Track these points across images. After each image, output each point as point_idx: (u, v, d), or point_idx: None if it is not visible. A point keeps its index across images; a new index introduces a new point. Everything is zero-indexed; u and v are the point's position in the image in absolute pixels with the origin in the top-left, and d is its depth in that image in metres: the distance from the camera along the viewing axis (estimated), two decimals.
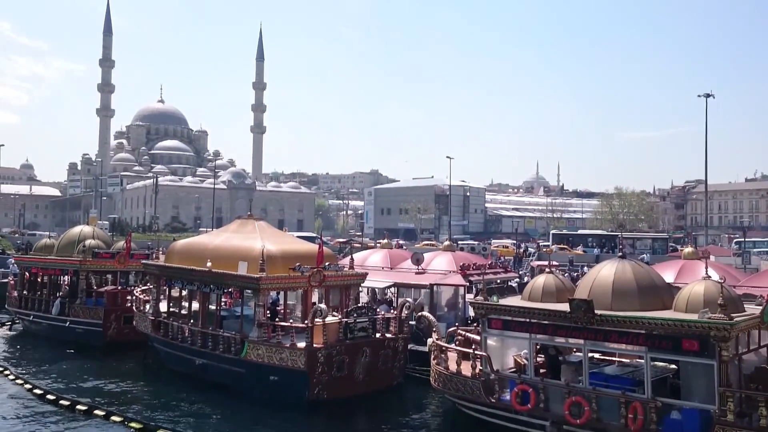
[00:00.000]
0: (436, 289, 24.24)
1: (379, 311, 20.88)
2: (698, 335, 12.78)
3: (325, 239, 24.01)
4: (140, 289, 27.53)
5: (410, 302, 21.11)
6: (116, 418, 17.14)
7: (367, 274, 22.86)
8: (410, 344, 20.79)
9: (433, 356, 18.09)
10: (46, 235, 50.29)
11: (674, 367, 14.32)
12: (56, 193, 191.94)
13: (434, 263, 25.91)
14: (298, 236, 36.09)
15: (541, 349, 16.37)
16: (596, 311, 14.04)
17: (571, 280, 21.09)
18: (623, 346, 14.43)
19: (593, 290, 14.79)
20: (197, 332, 21.40)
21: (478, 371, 16.33)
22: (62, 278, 31.20)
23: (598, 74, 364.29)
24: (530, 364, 15.63)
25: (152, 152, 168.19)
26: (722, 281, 13.60)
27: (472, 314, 20.50)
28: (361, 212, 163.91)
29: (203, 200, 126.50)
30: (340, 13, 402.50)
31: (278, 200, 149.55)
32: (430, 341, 18.48)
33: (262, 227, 22.97)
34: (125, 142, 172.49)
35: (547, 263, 20.91)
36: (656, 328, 13.36)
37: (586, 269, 38.05)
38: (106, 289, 28.82)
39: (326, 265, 20.46)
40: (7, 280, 36.84)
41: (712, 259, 29.73)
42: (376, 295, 25.65)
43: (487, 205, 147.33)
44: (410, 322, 21.15)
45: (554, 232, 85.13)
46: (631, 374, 14.94)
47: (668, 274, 19.76)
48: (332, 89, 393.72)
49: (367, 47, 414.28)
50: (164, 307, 24.13)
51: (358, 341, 18.73)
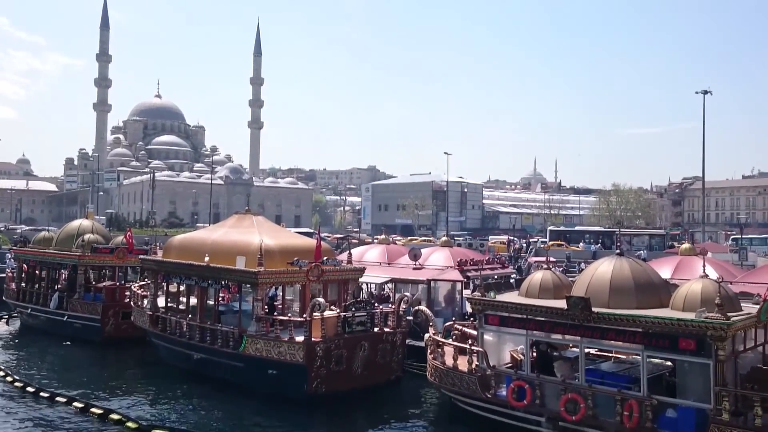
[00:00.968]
0: (433, 284, 24.32)
1: (379, 308, 20.94)
2: (695, 334, 12.81)
3: (322, 235, 23.93)
4: (138, 284, 27.53)
5: (408, 296, 21.18)
6: (115, 416, 17.04)
7: (364, 268, 22.93)
8: (408, 339, 20.85)
9: (429, 351, 18.16)
10: (42, 230, 50.19)
11: (670, 364, 14.37)
12: (53, 188, 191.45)
13: (432, 259, 25.99)
14: (295, 232, 36.14)
15: (533, 344, 16.41)
16: (593, 309, 14.09)
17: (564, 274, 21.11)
18: (620, 343, 14.47)
19: (591, 287, 14.84)
20: (195, 327, 21.44)
21: (474, 366, 16.40)
22: (60, 272, 31.16)
23: (595, 71, 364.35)
24: (526, 360, 15.69)
25: (149, 147, 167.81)
26: (720, 280, 13.63)
27: (469, 310, 20.57)
28: (358, 208, 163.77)
29: (200, 196, 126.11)
30: (338, 9, 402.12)
31: (275, 196, 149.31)
32: (427, 336, 18.55)
33: (260, 222, 23.02)
34: (122, 137, 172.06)
35: (544, 259, 20.97)
36: (653, 326, 13.39)
37: (583, 266, 38.17)
38: (104, 284, 28.82)
39: (324, 259, 20.53)
40: (4, 274, 36.79)
41: (709, 255, 29.80)
42: (376, 291, 25.69)
43: (484, 201, 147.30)
44: (408, 317, 21.22)
45: (551, 228, 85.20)
46: (627, 371, 15.00)
47: (665, 270, 19.84)
48: (330, 85, 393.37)
49: (365, 43, 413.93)
50: (162, 302, 24.18)
51: (356, 335, 18.80)
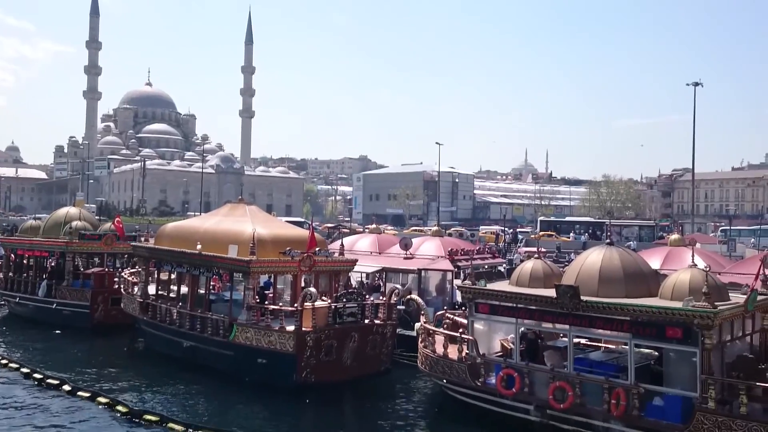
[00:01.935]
0: (424, 274, 24.36)
1: (368, 297, 20.96)
2: (682, 323, 12.90)
3: (314, 224, 23.98)
4: (129, 271, 27.48)
5: (399, 288, 21.21)
6: (102, 399, 17.13)
7: (356, 260, 22.93)
8: (398, 329, 20.90)
9: (420, 339, 18.22)
10: (29, 218, 49.91)
11: (656, 354, 14.49)
12: (42, 176, 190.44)
13: (422, 248, 26.04)
14: (286, 221, 36.12)
15: (522, 334, 16.48)
16: (582, 297, 14.17)
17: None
18: (608, 332, 14.56)
19: (580, 276, 14.91)
20: (186, 314, 21.44)
21: (464, 355, 16.48)
22: (48, 260, 31.06)
23: (588, 62, 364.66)
24: (516, 348, 15.78)
25: (140, 136, 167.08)
26: (707, 269, 13.73)
27: (459, 299, 20.63)
28: (349, 198, 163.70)
29: (191, 184, 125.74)
30: None
31: (267, 185, 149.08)
32: (418, 325, 18.60)
33: (252, 211, 22.98)
34: (112, 125, 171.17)
35: (535, 250, 21.06)
36: (641, 315, 13.49)
37: (573, 256, 38.35)
38: (93, 270, 28.75)
39: (317, 250, 20.52)
40: None
41: (698, 246, 29.99)
42: (367, 281, 25.72)
43: (475, 191, 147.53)
44: (398, 306, 21.26)
45: (542, 219, 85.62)
46: (615, 360, 15.09)
47: (654, 260, 19.97)
48: (322, 74, 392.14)
49: (357, 33, 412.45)
50: (153, 289, 24.15)
51: (346, 326, 18.79)
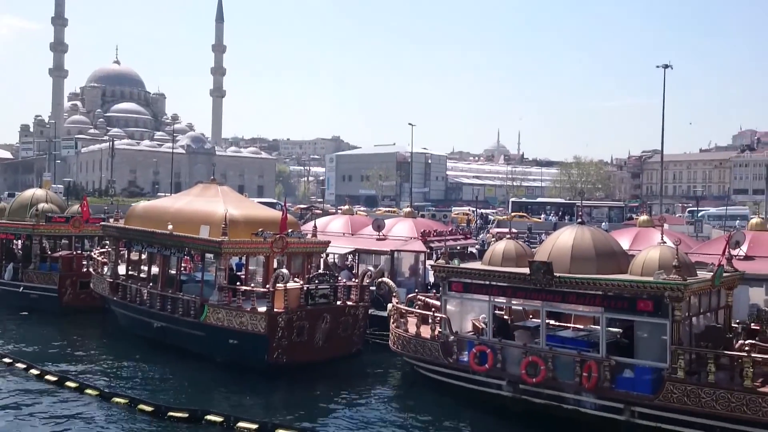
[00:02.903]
0: (396, 255, 24.38)
1: (340, 278, 20.95)
2: (653, 296, 13.21)
3: (286, 205, 23.77)
4: (98, 251, 27.11)
5: (372, 270, 21.22)
6: (71, 384, 16.86)
7: (329, 242, 22.87)
8: (370, 310, 20.93)
9: (392, 320, 18.29)
10: None
11: (621, 330, 14.75)
12: (8, 155, 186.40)
13: (395, 230, 26.02)
14: (258, 202, 35.85)
15: (493, 315, 16.61)
16: (555, 273, 14.34)
17: None
18: (580, 307, 14.78)
19: (553, 254, 15.07)
20: (156, 295, 21.27)
21: (437, 333, 16.59)
22: (15, 243, 30.49)
23: (558, 44, 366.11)
24: (489, 326, 15.91)
25: (108, 115, 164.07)
26: (678, 242, 14.01)
27: (432, 280, 20.74)
28: (322, 179, 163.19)
29: (161, 165, 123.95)
30: None
31: (238, 165, 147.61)
32: (390, 306, 18.65)
33: (225, 192, 22.76)
34: (79, 104, 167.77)
35: (507, 231, 21.19)
36: (613, 289, 13.75)
37: (544, 237, 38.67)
38: (60, 253, 28.26)
39: (289, 231, 20.41)
40: None
41: (666, 227, 30.46)
42: (341, 260, 25.68)
43: (448, 172, 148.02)
44: (371, 288, 21.27)
45: (514, 199, 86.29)
46: (585, 337, 15.34)
47: (624, 241, 20.21)
48: (294, 54, 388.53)
49: (330, 12, 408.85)
50: (123, 270, 23.88)
51: (319, 307, 18.76)
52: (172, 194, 52.71)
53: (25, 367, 18.33)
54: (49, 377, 17.41)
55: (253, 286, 20.57)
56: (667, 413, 12.83)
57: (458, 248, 25.52)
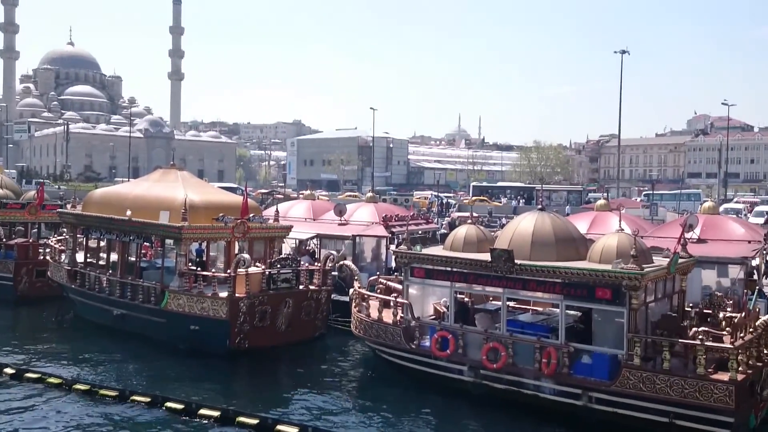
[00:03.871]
0: (358, 240, 24.41)
1: (302, 263, 20.92)
2: (611, 284, 13.42)
3: (247, 190, 23.63)
4: (56, 238, 26.57)
5: (334, 254, 21.23)
6: (31, 375, 16.48)
7: (291, 227, 22.81)
8: (333, 295, 20.98)
9: (354, 304, 18.33)
10: None
11: (579, 314, 15.00)
12: None
13: (357, 215, 26.05)
14: (219, 187, 35.49)
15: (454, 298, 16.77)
16: (516, 261, 14.52)
17: None
18: (540, 294, 15.00)
19: (514, 241, 15.24)
20: (116, 282, 21.03)
21: (399, 318, 16.70)
22: None
23: (518, 30, 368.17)
24: (450, 311, 16.06)
25: (62, 98, 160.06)
26: (635, 234, 14.27)
27: (394, 265, 20.80)
28: (283, 163, 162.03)
29: (118, 149, 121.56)
30: None
31: (198, 150, 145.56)
32: (352, 290, 18.70)
33: (184, 177, 22.52)
34: (32, 86, 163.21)
35: (468, 215, 21.37)
36: (572, 277, 13.95)
37: (504, 221, 39.11)
38: (16, 241, 27.62)
39: (250, 216, 20.31)
40: None
41: (623, 211, 31.11)
42: (300, 246, 25.61)
43: (409, 157, 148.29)
44: (333, 272, 21.31)
45: (474, 184, 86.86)
46: (545, 322, 15.60)
47: (582, 225, 20.60)
48: (254, 36, 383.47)
49: None
50: (81, 257, 23.49)
51: (281, 292, 18.76)
52: (130, 179, 51.88)
53: None
54: (7, 370, 16.87)
55: (214, 271, 20.46)
56: (623, 399, 13.11)
57: (420, 233, 25.69)
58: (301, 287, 19.40)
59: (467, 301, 17.38)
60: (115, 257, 22.06)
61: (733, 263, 17.67)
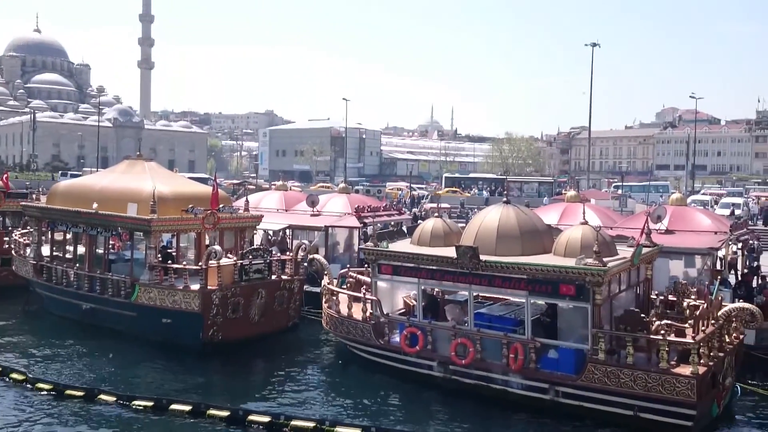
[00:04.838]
0: (331, 231, 24.44)
1: (274, 253, 20.88)
2: (574, 281, 13.62)
3: (218, 181, 23.49)
4: (20, 232, 26.12)
5: (306, 244, 21.21)
6: None
7: (262, 216, 22.74)
8: (305, 286, 20.99)
9: (324, 299, 18.37)
10: None
11: (545, 305, 15.19)
12: None
13: (329, 205, 26.08)
14: (189, 177, 35.21)
15: (424, 290, 16.83)
16: (481, 257, 14.63)
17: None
18: (506, 290, 15.14)
19: (479, 235, 15.36)
20: (84, 276, 20.80)
21: (368, 315, 16.77)
22: None
23: (490, 23, 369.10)
24: (419, 307, 16.17)
25: (28, 86, 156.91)
26: (598, 228, 14.46)
27: None
28: (255, 153, 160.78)
29: (87, 139, 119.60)
30: None
31: (168, 140, 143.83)
32: (322, 285, 18.72)
33: (152, 168, 22.27)
34: None
35: (436, 205, 21.48)
36: (537, 273, 14.08)
37: (476, 211, 39.37)
38: None
39: (221, 207, 20.20)
40: None
41: (592, 202, 31.61)
42: (269, 237, 25.57)
43: (382, 147, 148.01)
44: (305, 263, 21.33)
45: (447, 175, 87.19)
46: (513, 313, 15.73)
47: (552, 216, 20.93)
48: (226, 26, 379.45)
49: None
50: (47, 251, 23.16)
51: (253, 283, 18.71)
52: (99, 169, 51.16)
53: None
54: None
55: (185, 263, 20.33)
56: (589, 393, 13.34)
57: (392, 224, 25.78)
58: (273, 277, 19.38)
59: (436, 293, 17.49)
60: (82, 250, 21.79)
61: (699, 254, 18.06)
